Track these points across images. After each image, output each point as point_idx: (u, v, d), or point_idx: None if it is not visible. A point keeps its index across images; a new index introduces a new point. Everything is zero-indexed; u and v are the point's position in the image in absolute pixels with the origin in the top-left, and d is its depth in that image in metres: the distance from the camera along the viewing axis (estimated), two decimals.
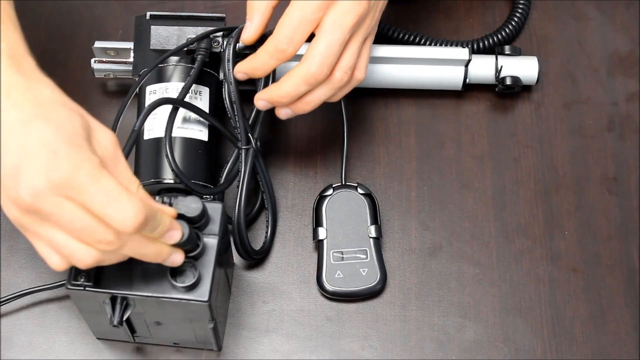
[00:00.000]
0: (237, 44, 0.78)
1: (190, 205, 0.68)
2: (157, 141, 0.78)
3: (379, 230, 0.81)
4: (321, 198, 0.82)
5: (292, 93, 0.74)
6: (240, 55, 0.82)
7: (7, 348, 0.77)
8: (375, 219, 0.81)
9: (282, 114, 0.77)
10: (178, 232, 0.65)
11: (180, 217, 0.68)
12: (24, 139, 0.58)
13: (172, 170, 0.75)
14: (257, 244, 0.82)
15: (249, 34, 0.76)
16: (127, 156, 0.70)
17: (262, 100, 0.76)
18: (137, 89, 0.79)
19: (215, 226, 0.70)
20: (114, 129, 0.74)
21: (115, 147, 0.62)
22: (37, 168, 0.58)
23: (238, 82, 0.78)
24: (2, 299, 0.77)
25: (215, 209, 0.70)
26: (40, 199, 0.58)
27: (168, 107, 0.77)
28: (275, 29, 0.73)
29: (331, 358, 0.78)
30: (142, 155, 0.79)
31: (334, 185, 0.82)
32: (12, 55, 0.61)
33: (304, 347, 0.79)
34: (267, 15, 0.76)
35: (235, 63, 0.78)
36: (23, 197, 0.58)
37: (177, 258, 0.66)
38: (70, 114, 0.60)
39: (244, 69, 0.76)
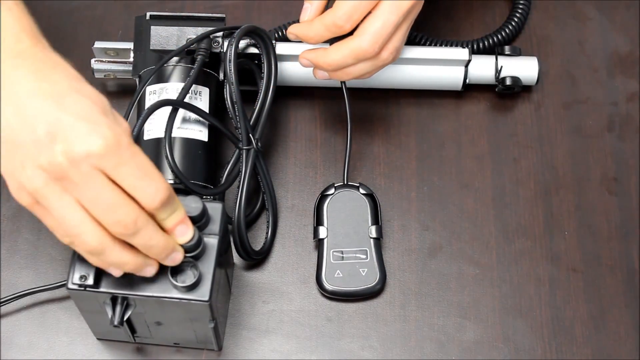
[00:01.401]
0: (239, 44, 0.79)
1: (191, 204, 0.68)
2: (156, 142, 0.78)
3: (379, 231, 0.81)
4: (323, 197, 0.82)
5: (338, 62, 0.76)
6: (242, 55, 0.82)
7: (7, 348, 0.77)
8: (376, 220, 0.81)
9: (319, 75, 0.79)
10: (190, 229, 0.65)
11: None
12: (62, 109, 0.59)
13: (172, 171, 0.75)
14: (257, 244, 0.82)
15: (309, 16, 0.78)
16: None
17: (306, 59, 0.78)
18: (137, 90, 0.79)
19: (215, 226, 0.70)
20: None
21: (129, 133, 0.63)
22: (77, 136, 0.59)
23: (239, 82, 0.78)
24: (2, 300, 0.77)
25: (215, 209, 0.70)
26: (76, 165, 0.59)
27: (167, 108, 0.77)
28: (335, 4, 0.75)
29: (331, 358, 0.78)
30: None
31: (335, 185, 0.82)
32: (34, 35, 0.63)
33: (304, 347, 0.79)
34: None
35: (236, 63, 0.78)
36: (59, 160, 0.59)
37: (179, 256, 0.66)
38: (97, 92, 0.62)
39: (297, 32, 0.78)
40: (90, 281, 0.67)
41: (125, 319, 0.69)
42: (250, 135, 0.78)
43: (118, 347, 0.77)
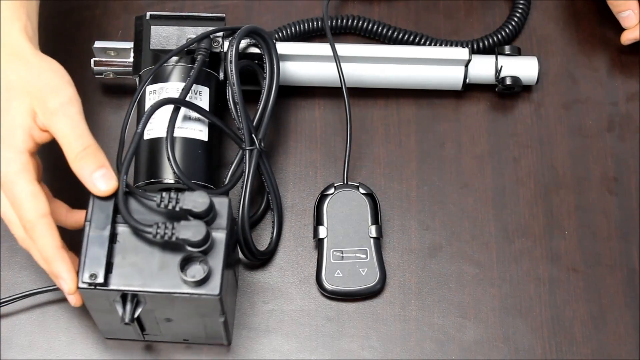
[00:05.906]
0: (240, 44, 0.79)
1: (197, 200, 0.68)
2: (155, 141, 0.78)
3: (379, 231, 0.81)
4: (323, 197, 0.82)
5: None
6: (243, 55, 0.82)
7: (7, 348, 0.77)
8: (376, 219, 0.81)
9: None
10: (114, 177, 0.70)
11: (188, 212, 0.68)
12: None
13: (174, 172, 0.75)
14: (260, 244, 0.82)
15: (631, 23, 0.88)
16: (130, 160, 0.70)
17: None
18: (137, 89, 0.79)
19: (222, 220, 0.70)
20: (122, 133, 0.75)
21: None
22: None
23: (241, 83, 0.78)
24: (2, 300, 0.77)
25: (221, 204, 0.70)
26: None
27: (167, 107, 0.77)
28: None
29: (331, 358, 0.78)
30: (141, 156, 0.79)
31: (335, 185, 0.82)
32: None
33: (304, 347, 0.79)
34: None
35: (237, 64, 0.78)
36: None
37: (63, 285, 0.69)
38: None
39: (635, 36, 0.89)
40: (100, 279, 0.67)
41: (135, 316, 0.69)
42: (253, 135, 0.78)
43: (118, 347, 0.77)
